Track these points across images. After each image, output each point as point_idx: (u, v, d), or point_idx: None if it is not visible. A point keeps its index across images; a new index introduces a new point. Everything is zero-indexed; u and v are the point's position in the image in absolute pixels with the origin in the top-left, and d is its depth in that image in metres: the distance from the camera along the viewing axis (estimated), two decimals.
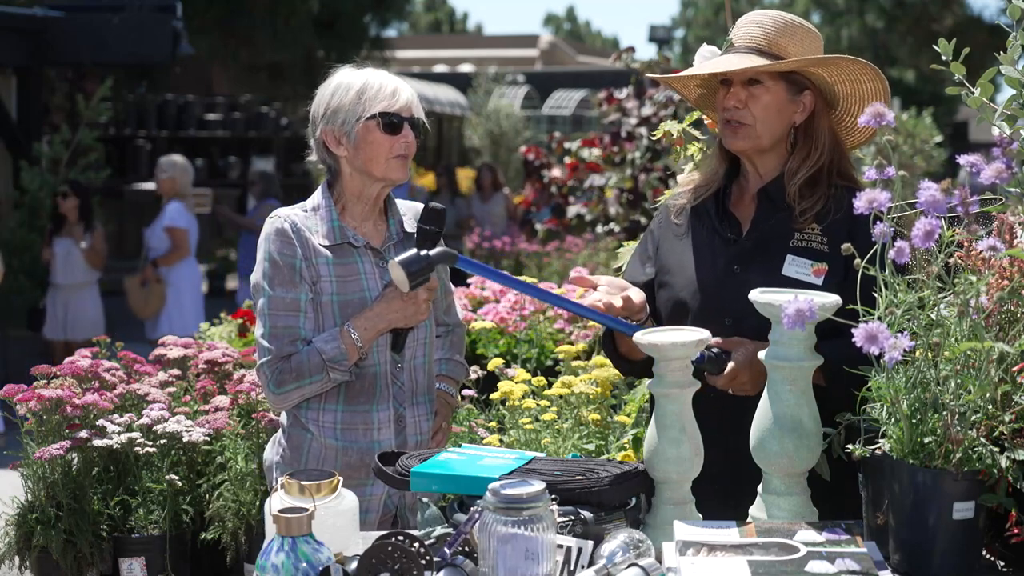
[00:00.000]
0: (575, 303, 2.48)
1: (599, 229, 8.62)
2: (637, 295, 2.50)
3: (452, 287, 3.13)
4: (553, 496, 1.85)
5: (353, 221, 2.85)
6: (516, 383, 3.81)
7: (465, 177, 15.75)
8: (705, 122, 3.00)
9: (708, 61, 2.67)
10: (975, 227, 1.91)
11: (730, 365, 2.40)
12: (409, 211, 2.95)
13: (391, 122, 2.77)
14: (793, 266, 2.49)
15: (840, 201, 2.51)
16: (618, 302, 2.43)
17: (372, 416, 2.80)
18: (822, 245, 2.50)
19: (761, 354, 2.08)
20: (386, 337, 2.80)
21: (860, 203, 1.88)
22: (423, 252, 2.50)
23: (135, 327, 8.93)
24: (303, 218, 2.82)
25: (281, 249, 2.77)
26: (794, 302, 1.87)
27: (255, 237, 11.45)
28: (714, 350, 2.40)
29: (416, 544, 1.82)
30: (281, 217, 2.81)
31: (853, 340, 1.79)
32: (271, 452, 2.92)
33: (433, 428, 2.94)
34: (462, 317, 3.21)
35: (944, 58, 2.14)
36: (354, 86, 2.80)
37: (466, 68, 25.90)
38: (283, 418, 2.89)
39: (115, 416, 3.91)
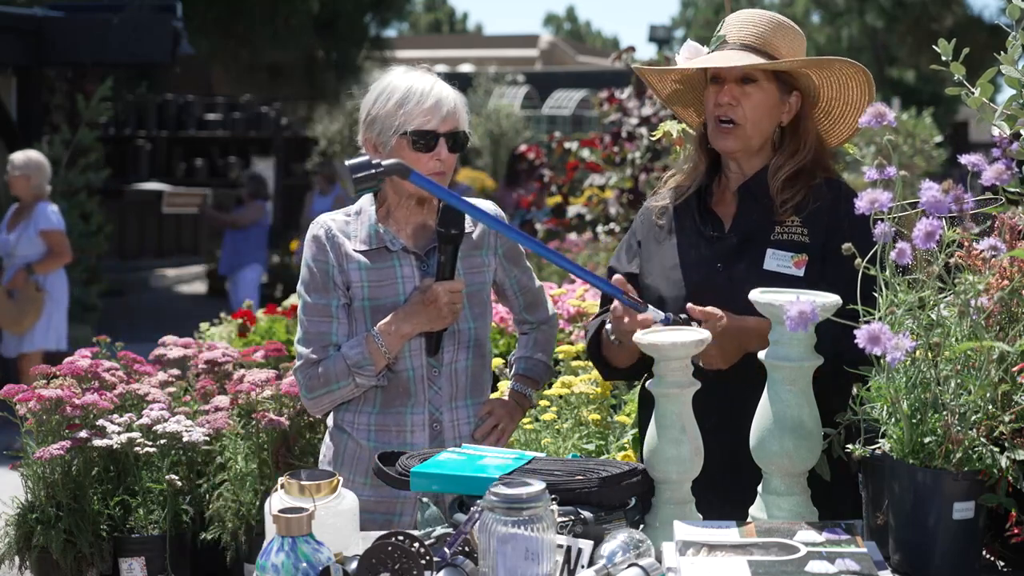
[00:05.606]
0: (583, 269, 2.47)
1: (599, 229, 8.62)
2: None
3: (538, 282, 3.02)
4: (553, 496, 1.85)
5: (396, 224, 2.82)
6: None
7: (467, 177, 15.59)
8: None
9: (700, 56, 2.64)
10: (971, 224, 1.91)
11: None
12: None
13: (424, 142, 2.72)
14: (774, 260, 2.49)
15: (820, 192, 2.52)
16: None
17: (406, 419, 2.78)
18: (803, 236, 2.50)
19: (761, 354, 2.08)
20: (420, 342, 2.77)
21: (862, 203, 1.88)
22: (375, 160, 2.39)
23: (136, 330, 8.75)
24: (342, 224, 2.81)
25: (315, 256, 2.78)
26: (797, 304, 1.87)
27: (239, 235, 11.44)
28: (682, 315, 2.37)
29: (416, 544, 1.82)
30: (319, 224, 2.82)
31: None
32: (321, 451, 2.94)
33: (482, 430, 2.84)
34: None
35: (944, 58, 2.14)
36: (395, 95, 2.75)
37: (466, 68, 25.86)
38: (328, 419, 2.91)
39: (115, 416, 3.91)
